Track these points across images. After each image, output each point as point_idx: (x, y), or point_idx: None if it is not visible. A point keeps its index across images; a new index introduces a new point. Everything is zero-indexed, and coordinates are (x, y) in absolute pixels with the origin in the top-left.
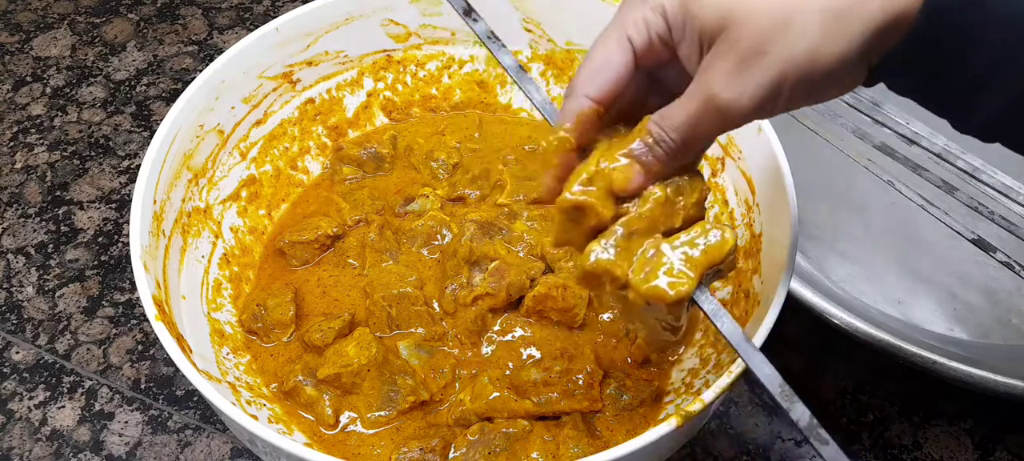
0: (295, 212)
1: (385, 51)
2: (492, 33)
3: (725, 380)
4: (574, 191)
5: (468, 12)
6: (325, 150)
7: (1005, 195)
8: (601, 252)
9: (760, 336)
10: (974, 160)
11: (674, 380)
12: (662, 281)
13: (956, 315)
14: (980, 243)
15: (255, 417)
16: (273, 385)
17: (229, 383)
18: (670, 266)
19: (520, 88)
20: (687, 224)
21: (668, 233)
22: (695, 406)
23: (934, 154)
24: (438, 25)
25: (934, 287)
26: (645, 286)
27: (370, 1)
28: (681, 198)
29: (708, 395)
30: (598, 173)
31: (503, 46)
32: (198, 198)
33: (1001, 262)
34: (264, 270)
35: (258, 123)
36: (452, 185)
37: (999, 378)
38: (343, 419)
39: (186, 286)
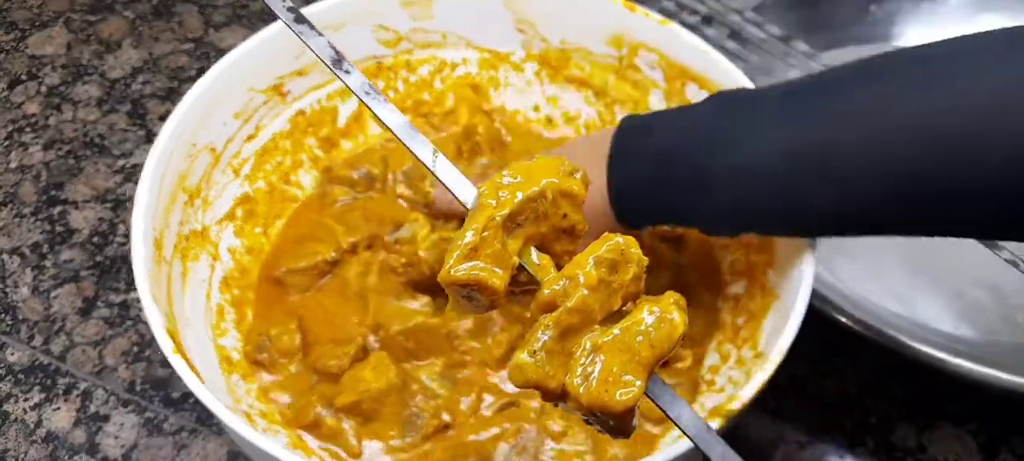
0: (286, 237)
1: (375, 57)
2: (371, 86)
3: (761, 376)
4: (458, 268)
5: (338, 62)
6: (318, 162)
7: None
8: (529, 361)
9: (788, 335)
10: None
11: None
12: (608, 390)
13: (962, 314)
14: (985, 241)
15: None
16: (289, 416)
17: (243, 412)
18: (613, 370)
19: (409, 151)
20: (627, 301)
21: (607, 318)
22: (734, 404)
23: None
24: (429, 28)
25: (941, 285)
26: (587, 397)
27: (360, 7)
28: (616, 276)
29: (746, 393)
30: (483, 241)
31: (385, 102)
32: (194, 220)
33: (1006, 261)
34: (261, 300)
35: (250, 138)
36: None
37: (1005, 376)
38: (367, 448)
39: (190, 313)
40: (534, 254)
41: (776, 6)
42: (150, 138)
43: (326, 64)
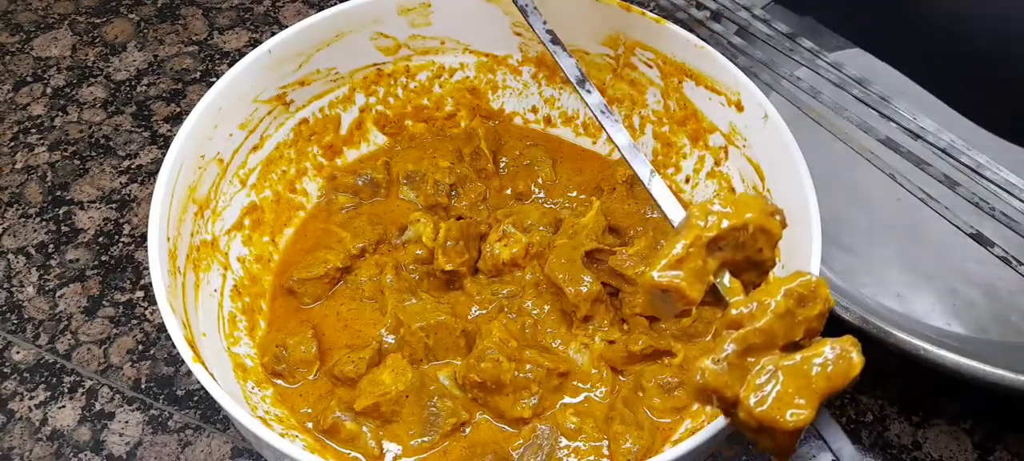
0: (296, 248)
1: (375, 65)
2: (606, 107)
3: None
4: (663, 274)
5: (582, 82)
6: (322, 170)
7: (1008, 192)
8: (713, 368)
9: None
10: (979, 157)
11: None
12: (780, 408)
13: (955, 311)
14: (978, 238)
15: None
16: (308, 424)
17: (260, 417)
18: (789, 392)
19: (631, 166)
20: (808, 336)
21: (786, 346)
22: None
23: (940, 150)
24: (427, 35)
25: (935, 282)
26: (760, 411)
27: (359, 15)
28: (803, 310)
29: None
30: (688, 255)
31: (617, 122)
32: (205, 230)
33: (999, 257)
34: (276, 311)
35: (255, 148)
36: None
37: (988, 368)
38: (387, 450)
39: (204, 323)
40: (726, 278)
41: (786, 8)
42: (155, 139)
43: (572, 82)
